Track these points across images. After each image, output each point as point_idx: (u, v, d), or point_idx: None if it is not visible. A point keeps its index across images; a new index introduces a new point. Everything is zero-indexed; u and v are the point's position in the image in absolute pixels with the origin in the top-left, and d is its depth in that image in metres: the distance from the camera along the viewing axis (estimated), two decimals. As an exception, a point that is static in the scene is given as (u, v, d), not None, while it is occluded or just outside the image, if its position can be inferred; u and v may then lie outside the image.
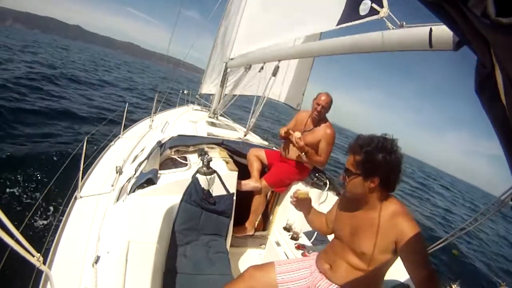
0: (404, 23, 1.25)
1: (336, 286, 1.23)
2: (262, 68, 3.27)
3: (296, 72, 4.40)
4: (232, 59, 3.82)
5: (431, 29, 1.03)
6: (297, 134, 2.08)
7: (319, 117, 2.26)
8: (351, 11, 1.69)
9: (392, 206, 1.13)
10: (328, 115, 2.31)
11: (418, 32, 1.10)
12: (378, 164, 1.09)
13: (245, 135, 3.29)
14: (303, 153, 2.13)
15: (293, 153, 2.34)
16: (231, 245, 2.05)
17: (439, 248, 1.44)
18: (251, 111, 3.67)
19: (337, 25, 1.81)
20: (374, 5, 1.47)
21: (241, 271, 1.45)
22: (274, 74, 2.90)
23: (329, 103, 2.24)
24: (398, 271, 1.31)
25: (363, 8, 1.56)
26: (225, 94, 4.30)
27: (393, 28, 1.30)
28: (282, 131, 2.26)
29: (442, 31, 0.99)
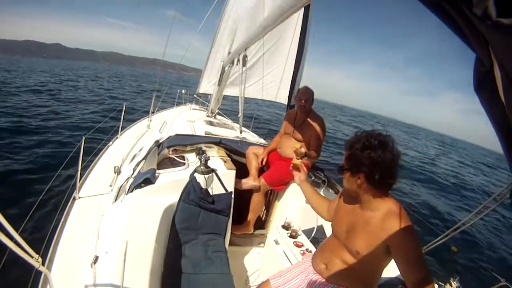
0: None
1: (332, 285, 1.23)
2: (238, 61, 3.02)
3: (290, 71, 4.34)
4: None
5: None
6: (299, 148, 2.05)
7: (306, 110, 2.36)
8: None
9: (386, 206, 1.11)
10: (326, 93, 2.38)
11: None
12: (361, 161, 1.08)
13: (240, 132, 3.27)
14: (305, 157, 2.11)
15: (291, 151, 2.35)
16: (230, 244, 2.06)
17: (438, 245, 1.44)
18: (239, 109, 3.60)
19: None
20: None
21: (240, 270, 1.45)
22: (244, 64, 2.66)
23: (310, 94, 2.36)
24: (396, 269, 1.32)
25: None
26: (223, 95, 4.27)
27: None
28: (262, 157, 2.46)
29: None
